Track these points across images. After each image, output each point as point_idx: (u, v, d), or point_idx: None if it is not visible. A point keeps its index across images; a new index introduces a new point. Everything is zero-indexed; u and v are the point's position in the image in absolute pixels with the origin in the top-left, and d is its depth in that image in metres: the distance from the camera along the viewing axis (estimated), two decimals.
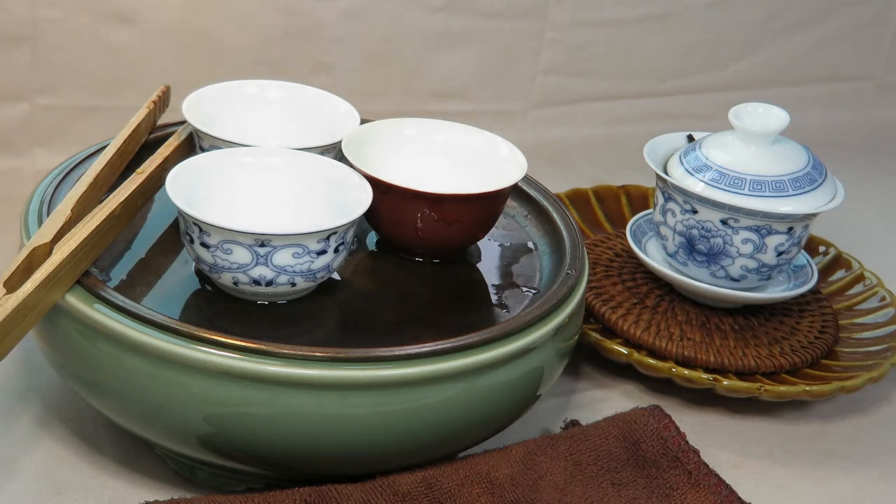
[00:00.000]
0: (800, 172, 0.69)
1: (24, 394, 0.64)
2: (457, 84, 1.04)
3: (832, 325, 0.75)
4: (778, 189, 0.68)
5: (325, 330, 0.59)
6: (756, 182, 0.68)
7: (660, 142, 0.74)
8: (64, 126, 0.90)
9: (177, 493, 0.58)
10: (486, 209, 0.65)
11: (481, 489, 0.56)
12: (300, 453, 0.54)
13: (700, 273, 0.72)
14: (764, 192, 0.68)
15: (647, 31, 1.09)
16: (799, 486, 0.65)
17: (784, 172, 0.69)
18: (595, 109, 1.09)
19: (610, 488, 0.58)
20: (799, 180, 0.69)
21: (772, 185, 0.68)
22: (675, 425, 0.62)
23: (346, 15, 0.97)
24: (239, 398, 0.52)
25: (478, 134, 0.69)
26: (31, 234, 0.58)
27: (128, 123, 0.68)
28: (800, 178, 0.69)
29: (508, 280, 0.65)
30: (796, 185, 0.68)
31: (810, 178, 0.69)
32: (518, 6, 1.03)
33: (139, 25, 0.91)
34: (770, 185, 0.68)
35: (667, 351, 0.70)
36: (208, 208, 0.59)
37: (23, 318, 0.53)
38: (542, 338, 0.58)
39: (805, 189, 0.68)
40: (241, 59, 0.94)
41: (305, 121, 0.70)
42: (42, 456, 0.60)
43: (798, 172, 0.69)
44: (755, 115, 0.69)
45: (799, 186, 0.68)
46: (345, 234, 0.58)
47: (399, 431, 0.54)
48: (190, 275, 0.61)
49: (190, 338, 0.52)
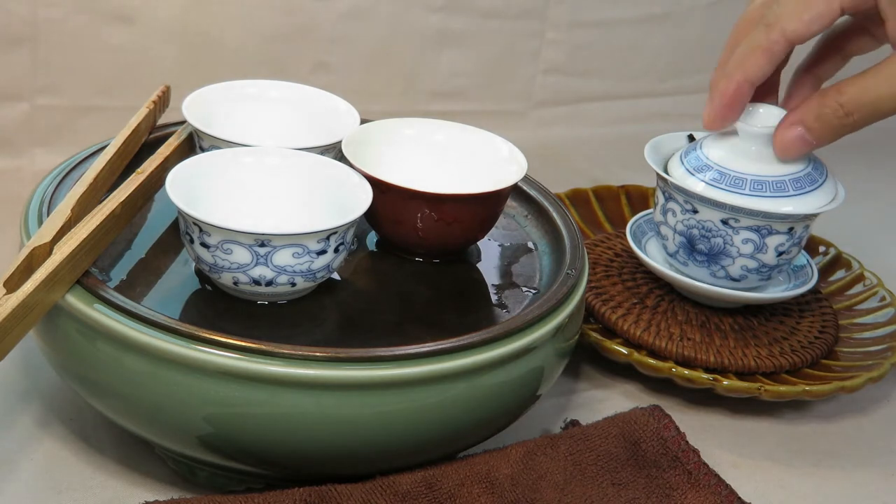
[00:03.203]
0: (800, 172, 0.69)
1: (24, 394, 0.64)
2: (457, 84, 1.04)
3: (832, 325, 0.75)
4: (779, 189, 0.68)
5: (325, 330, 0.59)
6: (757, 182, 0.68)
7: (660, 142, 0.74)
8: (64, 126, 0.90)
9: (177, 493, 0.58)
10: (486, 209, 0.65)
11: (481, 489, 0.56)
12: (300, 453, 0.54)
13: (700, 273, 0.72)
14: (765, 192, 0.68)
15: (647, 31, 1.09)
16: (799, 486, 0.65)
17: (785, 172, 0.69)
18: (595, 109, 1.09)
19: (610, 488, 0.58)
20: (800, 180, 0.69)
21: (773, 186, 0.68)
22: (675, 425, 0.62)
23: (346, 15, 0.97)
24: (239, 398, 0.52)
25: (478, 134, 0.69)
26: (31, 234, 0.58)
27: (128, 123, 0.68)
28: (801, 178, 0.69)
29: (508, 280, 0.65)
30: (797, 186, 0.68)
31: (811, 178, 0.69)
32: (518, 6, 1.03)
33: (139, 25, 0.91)
34: (771, 186, 0.68)
35: (667, 351, 0.70)
36: (208, 208, 0.59)
37: (23, 318, 0.53)
38: (542, 338, 0.58)
39: (806, 189, 0.68)
40: (241, 59, 0.94)
41: (305, 121, 0.70)
42: (42, 456, 0.60)
43: (799, 172, 0.69)
44: (755, 114, 0.69)
45: (800, 186, 0.68)
46: (345, 234, 0.58)
47: (399, 431, 0.54)
48: (190, 275, 0.61)
49: (190, 338, 0.52)
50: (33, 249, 0.55)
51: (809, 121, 0.65)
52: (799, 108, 0.66)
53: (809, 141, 0.66)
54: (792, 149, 0.67)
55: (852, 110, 0.64)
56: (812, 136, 0.66)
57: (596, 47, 1.07)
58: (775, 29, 0.65)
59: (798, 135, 0.66)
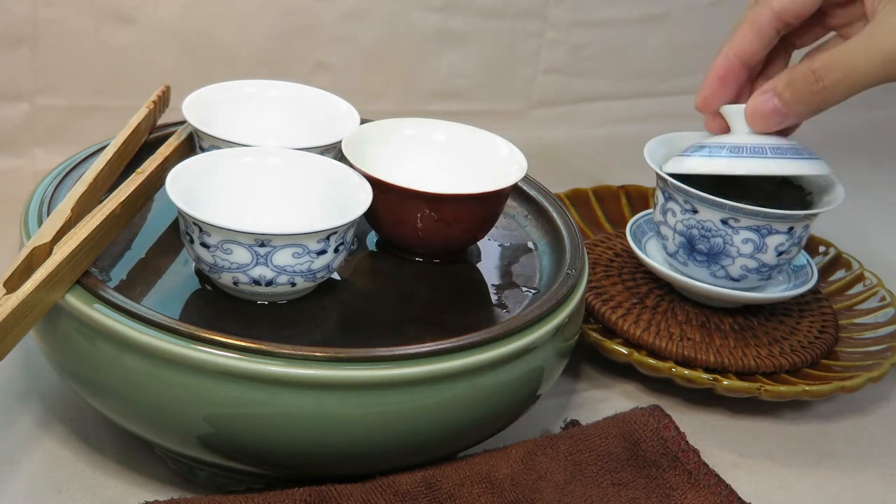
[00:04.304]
0: (783, 143, 0.68)
1: (24, 394, 0.64)
2: (457, 84, 1.04)
3: (832, 325, 0.75)
4: (757, 152, 0.67)
5: (325, 330, 0.59)
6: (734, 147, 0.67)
7: (660, 142, 0.74)
8: (64, 126, 0.90)
9: (177, 493, 0.58)
10: (486, 209, 0.65)
11: (481, 489, 0.56)
12: (300, 453, 0.54)
13: (700, 273, 0.72)
14: (742, 154, 0.67)
15: (647, 31, 1.09)
16: (799, 486, 0.65)
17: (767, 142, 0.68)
18: (595, 109, 1.09)
19: (610, 488, 0.58)
20: (781, 149, 0.68)
21: (750, 149, 0.67)
22: (675, 425, 0.62)
23: (346, 15, 0.97)
24: (239, 398, 0.52)
25: (478, 134, 0.69)
26: (31, 234, 0.58)
27: (128, 123, 0.68)
28: (783, 147, 0.68)
29: (508, 280, 0.65)
30: (777, 151, 0.67)
31: (795, 149, 0.68)
32: (518, 6, 1.03)
33: (139, 25, 0.91)
34: (748, 149, 0.67)
35: (667, 351, 0.70)
36: (208, 208, 0.59)
37: (23, 318, 0.53)
38: (542, 338, 0.58)
39: (788, 156, 0.67)
40: (241, 59, 0.94)
41: (305, 121, 0.70)
42: (42, 456, 0.60)
43: (781, 142, 0.68)
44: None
45: (780, 153, 0.67)
46: (345, 234, 0.58)
47: (399, 431, 0.54)
48: (190, 275, 0.61)
49: (190, 338, 0.52)
50: (33, 249, 0.55)
51: (780, 88, 0.64)
52: (771, 79, 0.66)
53: (780, 110, 0.65)
54: (762, 117, 0.65)
55: (823, 75, 0.62)
56: (783, 103, 0.64)
57: (596, 47, 1.07)
58: (764, 3, 0.65)
59: (769, 103, 0.65)
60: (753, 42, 0.66)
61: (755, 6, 0.66)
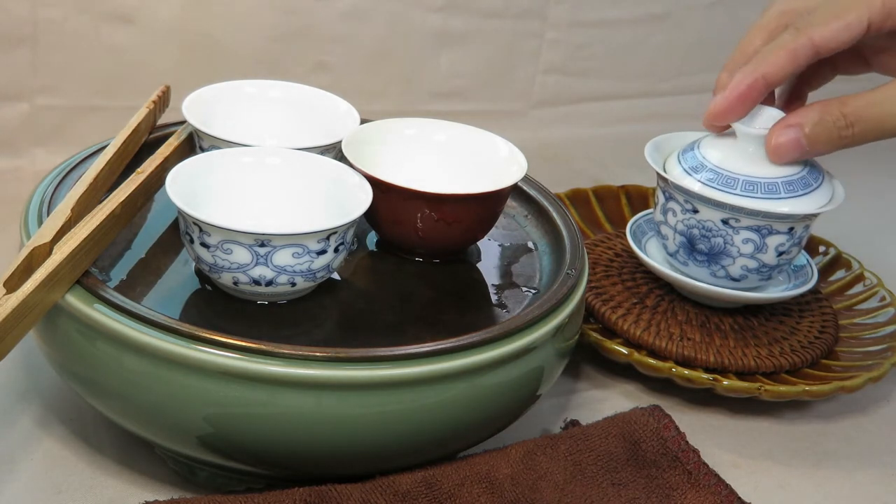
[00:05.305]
0: (794, 176, 0.68)
1: (24, 394, 0.64)
2: (457, 84, 1.04)
3: (832, 325, 0.75)
4: (769, 191, 0.68)
5: (325, 330, 0.59)
6: (749, 183, 0.68)
7: (660, 141, 0.74)
8: (64, 126, 0.90)
9: (177, 493, 0.58)
10: (486, 209, 0.65)
11: (481, 489, 0.56)
12: (300, 453, 0.54)
13: (700, 273, 0.72)
14: (756, 193, 0.68)
15: (647, 31, 1.09)
16: (799, 486, 0.65)
17: (778, 175, 0.68)
18: (595, 109, 1.09)
19: (610, 488, 0.58)
20: (793, 184, 0.68)
21: (764, 187, 0.68)
22: (675, 425, 0.62)
23: (346, 15, 0.97)
24: (239, 398, 0.52)
25: (478, 134, 0.69)
26: (31, 234, 0.58)
27: (128, 123, 0.68)
28: (794, 181, 0.68)
29: (508, 280, 0.65)
30: (789, 189, 0.68)
31: (805, 182, 0.68)
32: (518, 6, 1.03)
33: (139, 25, 0.91)
34: (762, 187, 0.68)
35: (667, 351, 0.70)
36: (208, 208, 0.59)
37: (23, 318, 0.53)
38: (542, 338, 0.58)
39: (797, 193, 0.68)
40: (241, 59, 0.94)
41: (305, 121, 0.70)
42: (42, 456, 0.60)
43: (792, 176, 0.68)
44: (755, 116, 0.69)
45: (792, 190, 0.68)
46: (345, 234, 0.58)
47: (399, 431, 0.54)
48: (190, 275, 0.61)
49: (190, 338, 0.52)
50: (33, 249, 0.55)
51: (808, 125, 0.65)
52: (797, 111, 0.66)
53: (804, 146, 0.65)
54: (785, 151, 0.66)
55: (854, 122, 0.63)
56: (807, 141, 0.65)
57: (596, 47, 1.07)
58: (804, 33, 0.65)
59: (793, 138, 0.66)
60: (786, 68, 0.65)
61: (795, 33, 0.65)
